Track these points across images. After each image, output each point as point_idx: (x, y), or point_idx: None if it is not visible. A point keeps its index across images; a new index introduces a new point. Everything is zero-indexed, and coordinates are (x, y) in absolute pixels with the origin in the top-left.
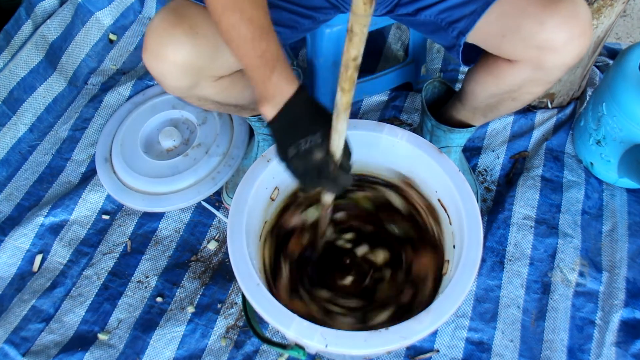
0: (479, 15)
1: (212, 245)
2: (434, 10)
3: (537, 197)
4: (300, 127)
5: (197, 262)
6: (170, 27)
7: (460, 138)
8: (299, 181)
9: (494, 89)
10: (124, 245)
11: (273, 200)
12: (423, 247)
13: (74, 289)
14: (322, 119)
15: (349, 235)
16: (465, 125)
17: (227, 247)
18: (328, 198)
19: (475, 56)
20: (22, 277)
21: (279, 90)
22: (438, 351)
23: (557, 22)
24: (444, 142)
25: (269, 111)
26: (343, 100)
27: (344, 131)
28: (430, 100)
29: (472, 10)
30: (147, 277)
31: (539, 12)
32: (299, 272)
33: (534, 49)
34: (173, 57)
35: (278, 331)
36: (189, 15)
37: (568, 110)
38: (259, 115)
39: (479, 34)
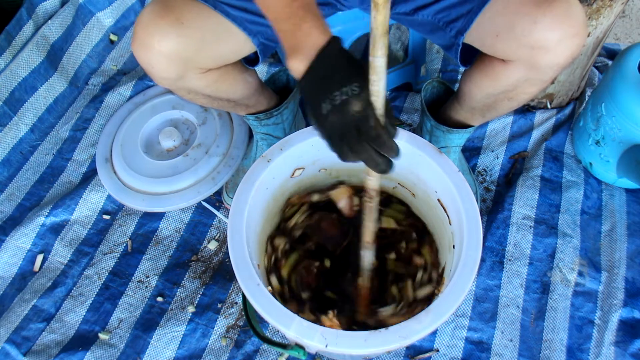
0: (476, 14)
1: (212, 245)
2: (431, 10)
3: (537, 197)
4: (335, 78)
5: (198, 262)
6: (157, 17)
7: (459, 138)
8: (335, 145)
9: (490, 89)
10: (124, 245)
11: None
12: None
13: (74, 288)
14: (358, 70)
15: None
16: (464, 126)
17: (227, 247)
18: (373, 181)
19: (472, 57)
20: (23, 276)
21: (310, 40)
22: (438, 351)
23: (551, 21)
24: (443, 142)
25: (299, 64)
26: (378, 19)
27: (383, 70)
28: (429, 101)
29: (468, 9)
30: (147, 276)
31: (532, 11)
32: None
33: (527, 48)
34: (159, 46)
35: (278, 331)
36: (176, 7)
37: (567, 111)
38: (256, 113)
39: (474, 34)
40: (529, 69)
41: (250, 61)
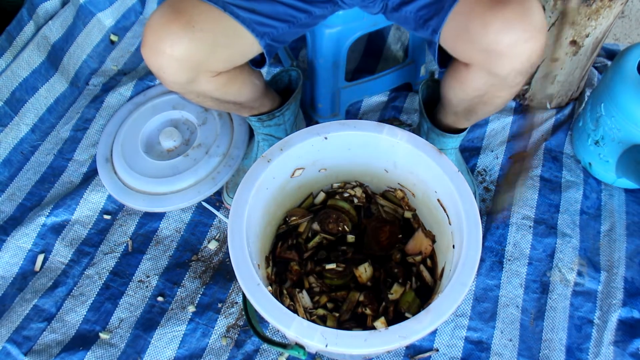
0: (446, 12)
1: (212, 245)
2: (413, 7)
3: (536, 197)
4: None
5: (198, 262)
6: (167, 22)
7: (453, 142)
8: None
9: (462, 94)
10: (125, 245)
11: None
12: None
13: (75, 288)
14: None
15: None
16: (455, 130)
17: (227, 247)
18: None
19: (449, 59)
20: (24, 276)
21: None
22: (437, 350)
23: (501, 24)
24: (438, 144)
25: None
26: None
27: None
28: (427, 100)
29: (441, 8)
30: (148, 276)
31: (484, 12)
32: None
33: (481, 52)
34: (170, 51)
35: (278, 330)
36: (186, 10)
37: (567, 111)
38: (259, 114)
39: (444, 34)
40: (488, 74)
41: (255, 63)
